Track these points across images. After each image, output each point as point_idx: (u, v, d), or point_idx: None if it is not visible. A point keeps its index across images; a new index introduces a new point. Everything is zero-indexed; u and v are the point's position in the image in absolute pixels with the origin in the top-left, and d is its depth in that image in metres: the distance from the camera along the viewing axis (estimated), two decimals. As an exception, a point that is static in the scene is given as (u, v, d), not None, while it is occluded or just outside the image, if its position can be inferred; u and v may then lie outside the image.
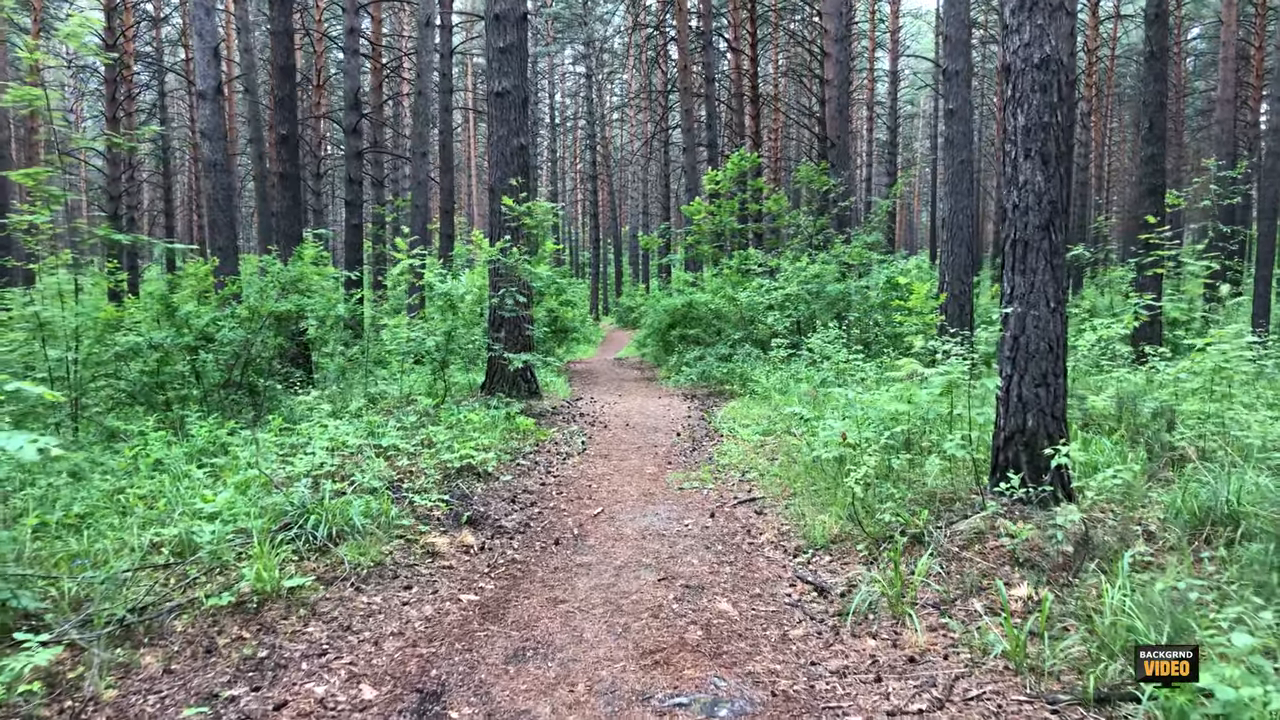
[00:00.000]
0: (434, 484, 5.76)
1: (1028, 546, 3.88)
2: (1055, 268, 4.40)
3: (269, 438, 6.38)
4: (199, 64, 13.33)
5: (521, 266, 8.67)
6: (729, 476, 6.15)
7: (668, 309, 13.51)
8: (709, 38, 22.68)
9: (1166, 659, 2.62)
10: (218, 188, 13.94)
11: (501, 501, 5.54)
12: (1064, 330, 4.46)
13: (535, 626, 3.57)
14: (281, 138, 12.60)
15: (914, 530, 4.23)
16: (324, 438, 6.63)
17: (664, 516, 5.20)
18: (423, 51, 15.23)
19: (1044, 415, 4.43)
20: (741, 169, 16.15)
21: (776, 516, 5.09)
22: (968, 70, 10.26)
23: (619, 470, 6.58)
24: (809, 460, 5.86)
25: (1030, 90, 4.34)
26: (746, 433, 7.49)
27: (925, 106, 55.55)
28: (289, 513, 4.54)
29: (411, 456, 6.43)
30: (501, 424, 7.58)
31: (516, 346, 9.21)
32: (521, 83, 9.31)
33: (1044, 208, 4.36)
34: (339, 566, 4.11)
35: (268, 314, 8.23)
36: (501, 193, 9.11)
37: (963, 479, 4.79)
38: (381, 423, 7.36)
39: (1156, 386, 6.20)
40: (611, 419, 9.04)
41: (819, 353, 9.88)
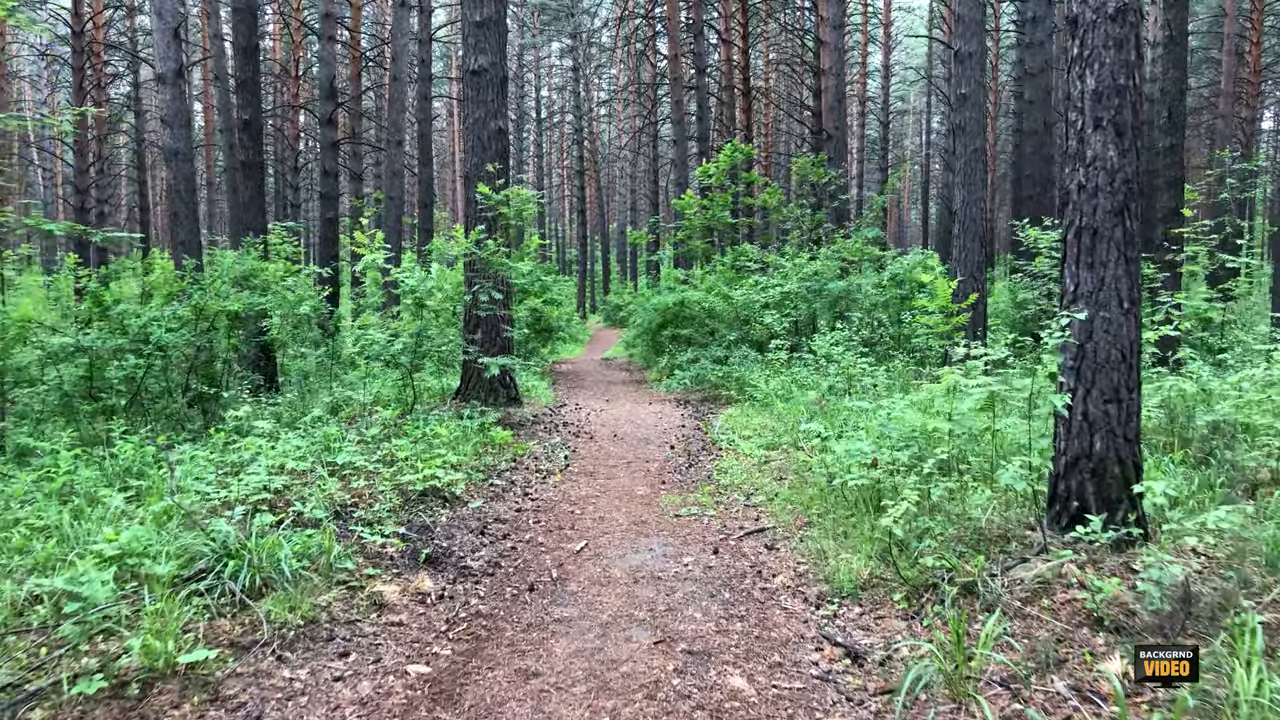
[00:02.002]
0: (391, 511, 4.98)
1: (1110, 602, 3.16)
2: (1130, 260, 3.67)
3: (205, 455, 5.58)
4: (158, 45, 12.49)
5: (498, 260, 7.88)
6: (732, 500, 5.39)
7: (658, 308, 12.74)
8: (700, 27, 21.91)
9: (1166, 659, 2.57)
10: (179, 177, 13.11)
11: (469, 533, 4.76)
12: (1138, 335, 3.73)
13: (500, 713, 2.81)
14: (244, 123, 11.72)
15: (964, 578, 3.49)
16: (272, 454, 5.85)
17: (659, 553, 4.44)
18: (398, 34, 14.38)
19: (1114, 437, 3.70)
20: (734, 161, 15.42)
21: (791, 552, 4.34)
22: (981, 52, 9.55)
23: (606, 491, 5.81)
24: (824, 483, 5.12)
25: (1102, 46, 3.61)
26: (748, 446, 6.74)
27: (915, 103, 55.10)
28: (207, 555, 3.75)
29: (370, 476, 5.64)
30: (474, 436, 6.79)
31: (494, 349, 8.42)
32: (499, 60, 8.52)
33: (1117, 188, 3.63)
34: (260, 628, 3.32)
35: (216, 313, 7.40)
36: (477, 180, 8.31)
37: (1014, 512, 4.06)
38: (339, 435, 6.57)
39: (1211, 396, 5.50)
40: (598, 429, 8.27)
41: (821, 354, 9.15)
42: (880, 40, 36.65)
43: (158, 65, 12.43)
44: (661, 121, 32.22)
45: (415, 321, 7.95)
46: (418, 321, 7.87)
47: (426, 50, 16.41)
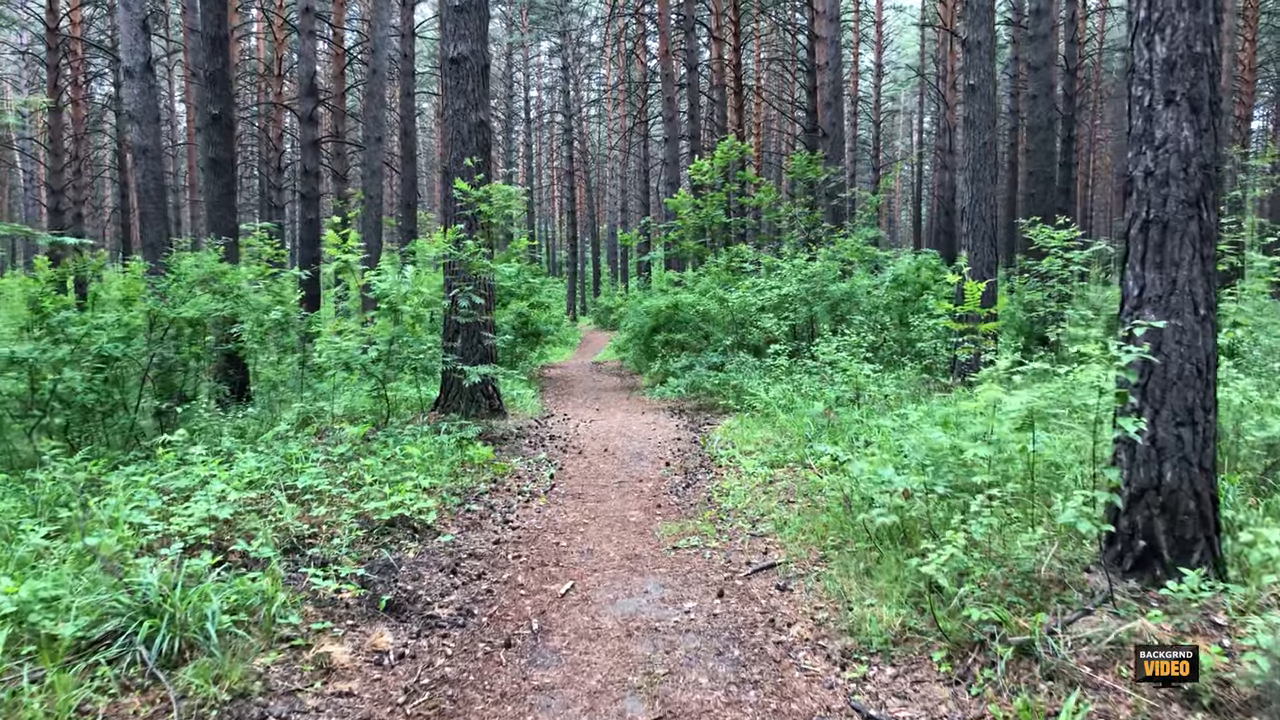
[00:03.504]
0: (353, 544, 4.41)
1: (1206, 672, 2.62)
2: (1206, 259, 3.14)
3: (148, 480, 4.99)
4: (125, 38, 11.90)
5: (478, 262, 7.31)
6: (736, 528, 4.84)
7: (650, 311, 12.17)
8: (691, 24, 21.39)
9: (1166, 659, 2.54)
10: (148, 176, 12.51)
11: (438, 572, 4.19)
12: (1215, 347, 3.21)
13: (460, 827, 2.25)
14: (212, 118, 11.08)
15: (1019, 636, 2.95)
16: (226, 476, 5.28)
17: (655, 596, 3.87)
18: (377, 25, 13.77)
19: (1188, 466, 3.17)
20: (729, 158, 14.89)
21: (807, 594, 3.79)
22: (991, 40, 9.05)
23: (595, 517, 5.25)
24: (838, 509, 4.58)
25: (1175, 8, 3.08)
26: (750, 463, 6.19)
27: (905, 103, 54.86)
28: (122, 612, 3.17)
29: (333, 502, 5.07)
30: (451, 454, 6.21)
31: (475, 357, 7.84)
32: (481, 48, 7.95)
33: (1192, 175, 3.10)
34: (173, 706, 2.74)
35: (171, 320, 6.79)
36: (456, 175, 7.73)
37: (1067, 549, 3.53)
38: (303, 454, 5.99)
39: (1264, 410, 4.99)
40: (587, 442, 7.70)
41: (825, 361, 8.61)
42: (872, 39, 36.27)
43: (124, 58, 11.82)
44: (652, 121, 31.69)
45: (390, 328, 7.37)
46: (392, 328, 7.29)
47: (409, 45, 15.81)
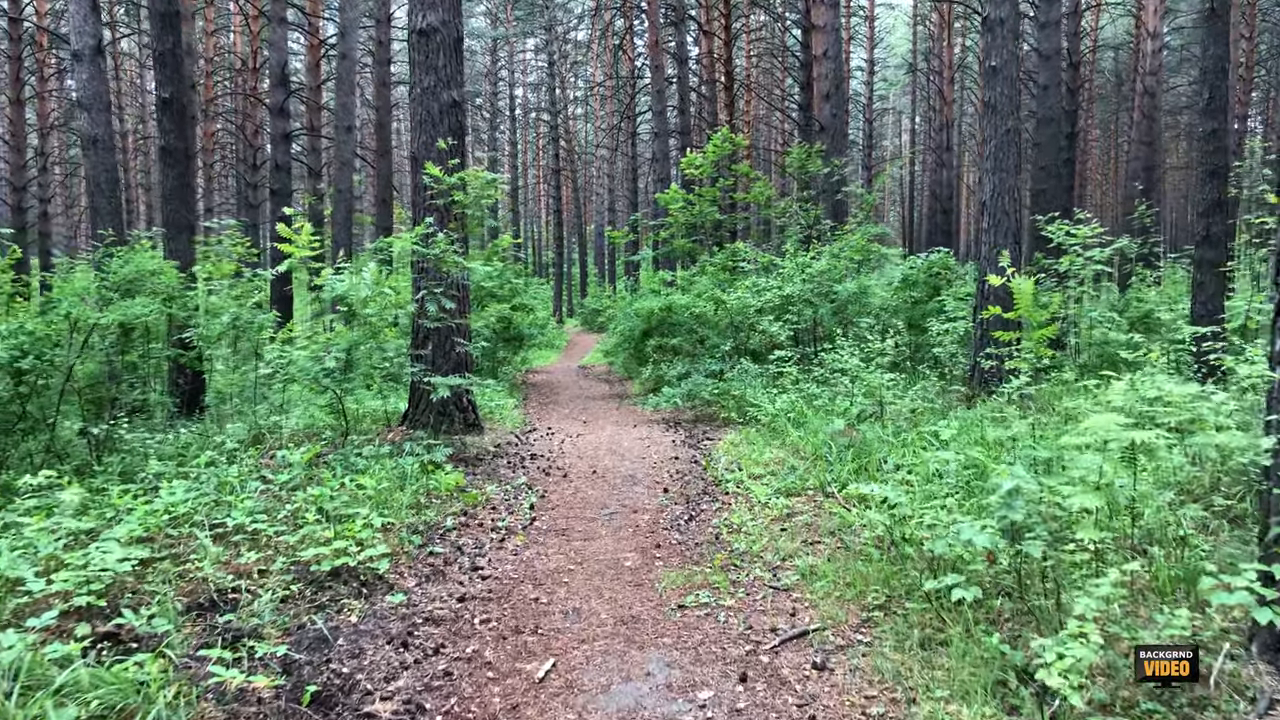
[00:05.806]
0: (284, 604, 3.55)
1: None
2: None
3: (38, 523, 4.10)
4: (74, 18, 10.99)
5: (450, 260, 6.44)
6: (753, 578, 3.99)
7: (642, 313, 11.33)
8: (681, 15, 20.59)
9: (1166, 659, 2.43)
10: (98, 168, 11.61)
11: (385, 644, 3.32)
12: None
13: None
14: (163, 102, 10.12)
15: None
16: (144, 512, 4.42)
17: (660, 680, 3.03)
18: (347, 9, 12.86)
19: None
20: (723, 152, 14.07)
21: (853, 676, 2.96)
22: (1014, 18, 8.28)
23: (583, 561, 4.40)
24: (877, 555, 3.76)
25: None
26: (762, 490, 5.36)
27: (895, 102, 54.43)
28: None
29: (267, 545, 4.20)
30: (414, 482, 5.33)
31: (446, 366, 6.97)
32: (453, 19, 7.08)
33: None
34: None
35: (94, 326, 5.89)
36: (426, 159, 6.86)
37: (1211, 630, 2.72)
38: (240, 483, 5.11)
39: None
40: (574, 462, 6.85)
41: (834, 368, 7.82)
42: (863, 36, 35.65)
43: (73, 40, 10.89)
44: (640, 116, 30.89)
45: (348, 334, 6.50)
46: (350, 334, 6.42)
47: (385, 31, 14.89)
